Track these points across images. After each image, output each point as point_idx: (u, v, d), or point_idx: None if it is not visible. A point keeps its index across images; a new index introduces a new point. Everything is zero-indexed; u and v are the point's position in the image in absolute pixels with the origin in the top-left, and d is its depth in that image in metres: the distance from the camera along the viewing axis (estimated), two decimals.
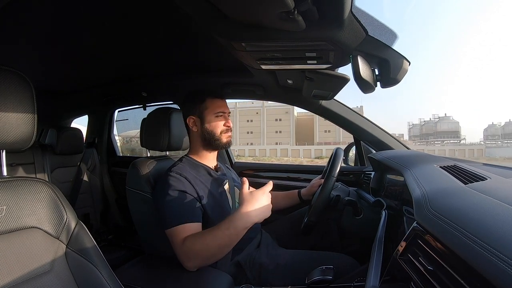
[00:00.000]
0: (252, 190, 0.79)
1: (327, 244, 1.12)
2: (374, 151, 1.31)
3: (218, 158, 1.08)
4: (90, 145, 2.05)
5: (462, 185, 0.56)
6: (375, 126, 1.33)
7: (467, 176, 0.63)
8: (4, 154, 0.57)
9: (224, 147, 1.00)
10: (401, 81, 0.77)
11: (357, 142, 1.46)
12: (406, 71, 0.76)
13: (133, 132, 2.38)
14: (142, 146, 1.16)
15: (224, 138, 0.98)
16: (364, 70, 0.72)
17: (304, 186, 1.25)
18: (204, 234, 0.77)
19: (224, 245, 0.75)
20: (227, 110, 1.01)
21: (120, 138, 2.45)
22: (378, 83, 0.81)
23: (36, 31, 0.99)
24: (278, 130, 44.01)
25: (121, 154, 2.24)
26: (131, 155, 2.43)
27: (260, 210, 0.76)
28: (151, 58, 1.28)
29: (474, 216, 0.40)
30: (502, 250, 0.30)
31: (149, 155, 1.15)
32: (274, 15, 0.58)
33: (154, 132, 1.08)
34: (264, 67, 0.94)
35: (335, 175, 0.96)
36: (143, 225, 1.00)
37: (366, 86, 0.76)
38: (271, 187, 0.80)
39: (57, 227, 0.57)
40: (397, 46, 0.71)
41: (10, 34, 0.99)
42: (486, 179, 0.60)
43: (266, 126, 44.44)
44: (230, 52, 0.85)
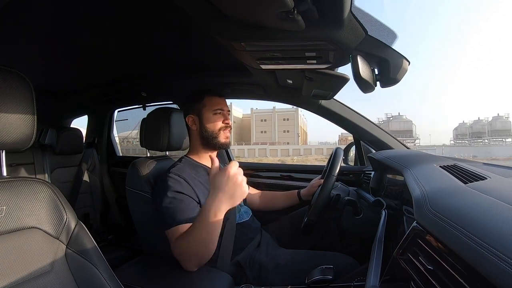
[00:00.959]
0: (217, 172, 0.73)
1: (327, 244, 1.12)
2: (374, 151, 1.31)
3: (218, 158, 1.07)
4: (90, 145, 2.05)
5: (462, 184, 0.56)
6: (375, 125, 1.33)
7: (467, 175, 0.63)
8: (3, 154, 0.57)
9: (222, 147, 0.99)
10: (400, 80, 0.77)
11: (357, 142, 1.46)
12: (406, 71, 0.76)
13: (125, 133, 2.39)
14: (142, 146, 1.16)
15: (222, 137, 0.98)
16: (363, 70, 0.72)
17: (304, 186, 1.25)
18: (186, 233, 0.76)
19: (204, 239, 0.72)
20: (226, 108, 1.01)
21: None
22: (378, 83, 0.81)
23: (36, 31, 0.99)
24: None
25: (120, 154, 2.24)
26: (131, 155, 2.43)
27: (228, 194, 0.70)
28: (151, 58, 1.28)
29: (474, 215, 0.40)
30: (502, 250, 0.30)
31: (148, 155, 1.15)
32: (274, 15, 0.58)
33: (154, 132, 1.07)
34: (264, 67, 0.94)
35: (335, 174, 0.96)
36: (143, 225, 1.00)
37: (365, 86, 0.76)
38: (237, 165, 0.73)
39: (57, 227, 0.57)
40: (396, 45, 0.71)
41: (10, 34, 0.99)
42: (486, 179, 0.60)
43: None
44: (230, 52, 0.85)
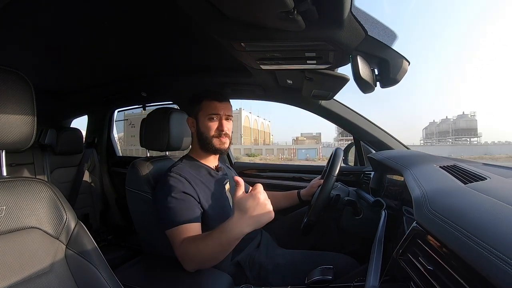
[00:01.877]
0: (245, 196, 0.68)
1: (327, 244, 1.11)
2: (374, 151, 1.31)
3: (219, 158, 1.07)
4: (89, 145, 2.05)
5: (462, 185, 0.56)
6: (375, 126, 1.34)
7: (467, 176, 0.63)
8: (3, 154, 0.56)
9: (217, 152, 0.96)
10: (400, 81, 0.77)
11: (356, 142, 1.46)
12: (406, 71, 0.76)
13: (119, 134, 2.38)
14: (142, 146, 1.16)
15: (216, 143, 0.93)
16: (363, 70, 0.72)
17: (304, 186, 1.24)
18: (197, 240, 0.75)
19: (217, 252, 0.72)
20: (226, 112, 0.95)
21: None
22: (378, 83, 0.81)
23: (36, 31, 0.99)
24: None
25: (120, 154, 2.24)
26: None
27: (255, 219, 0.67)
28: (151, 58, 1.28)
29: (474, 216, 0.40)
30: (502, 250, 0.30)
31: (148, 155, 1.15)
32: (274, 15, 0.58)
33: (153, 132, 1.07)
34: (263, 67, 0.94)
35: (335, 175, 0.96)
36: (143, 225, 1.00)
37: (365, 86, 0.76)
38: (262, 188, 0.69)
39: (56, 227, 0.57)
40: (396, 45, 0.71)
41: (10, 34, 0.99)
42: (486, 179, 0.60)
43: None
44: (230, 52, 0.85)
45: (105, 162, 2.09)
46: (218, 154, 0.99)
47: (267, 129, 59.02)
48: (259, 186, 0.69)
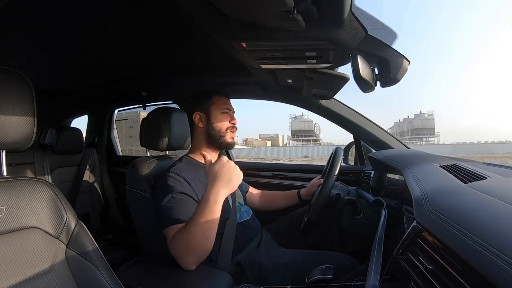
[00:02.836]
0: (211, 163, 0.82)
1: (327, 243, 1.12)
2: (374, 151, 1.31)
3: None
4: (90, 144, 2.05)
5: (462, 184, 0.55)
6: (375, 125, 1.33)
7: (467, 175, 0.63)
8: (3, 154, 0.57)
9: (227, 147, 1.00)
10: (400, 80, 0.77)
11: (357, 142, 1.46)
12: (406, 70, 0.76)
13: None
14: (142, 146, 1.16)
15: (229, 137, 0.99)
16: (363, 70, 0.72)
17: (304, 186, 1.24)
18: (186, 225, 0.77)
19: (205, 230, 0.74)
20: (232, 109, 1.02)
21: None
22: (378, 83, 0.81)
23: (35, 31, 0.99)
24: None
25: (121, 154, 2.24)
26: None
27: (226, 179, 0.78)
28: (151, 58, 1.28)
29: (474, 215, 0.40)
30: (502, 249, 0.30)
31: (148, 155, 1.15)
32: (274, 15, 0.58)
33: (153, 131, 1.07)
34: (264, 67, 0.94)
35: (335, 174, 0.96)
36: (143, 224, 1.00)
37: (366, 86, 0.76)
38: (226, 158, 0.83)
39: (57, 227, 0.57)
40: (396, 45, 0.71)
41: (10, 34, 0.99)
42: (486, 178, 0.60)
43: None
44: (230, 52, 0.85)
45: (105, 161, 2.09)
46: (225, 150, 1.05)
47: None
48: (223, 156, 0.83)
